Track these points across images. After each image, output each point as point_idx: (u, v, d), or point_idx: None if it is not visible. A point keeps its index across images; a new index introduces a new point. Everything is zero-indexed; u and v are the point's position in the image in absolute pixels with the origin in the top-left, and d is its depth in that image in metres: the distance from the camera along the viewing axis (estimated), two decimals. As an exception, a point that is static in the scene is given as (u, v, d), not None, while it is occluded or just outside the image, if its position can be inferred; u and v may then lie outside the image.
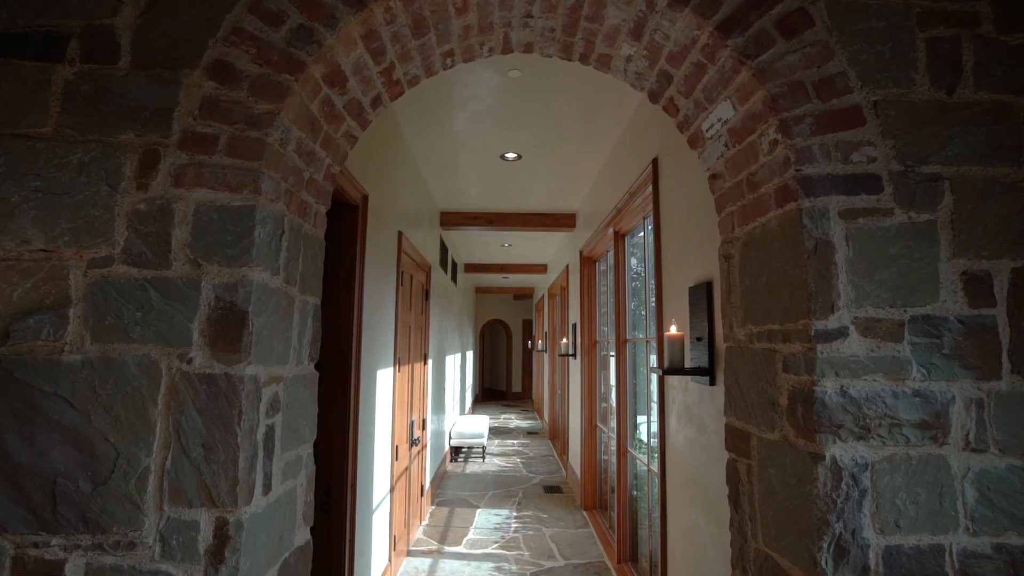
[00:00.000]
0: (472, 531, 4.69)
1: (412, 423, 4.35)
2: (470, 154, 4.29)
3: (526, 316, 15.30)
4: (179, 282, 1.12)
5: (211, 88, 1.16)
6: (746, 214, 1.41)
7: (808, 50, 1.19)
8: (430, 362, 5.51)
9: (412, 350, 4.44)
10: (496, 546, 4.36)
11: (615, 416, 4.17)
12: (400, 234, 3.79)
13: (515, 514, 5.17)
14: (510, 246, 8.21)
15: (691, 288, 2.29)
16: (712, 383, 2.09)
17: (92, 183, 1.12)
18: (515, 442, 8.96)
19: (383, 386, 3.34)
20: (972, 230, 1.14)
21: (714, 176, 1.56)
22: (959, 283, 1.13)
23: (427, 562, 4.02)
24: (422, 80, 1.63)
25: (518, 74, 2.98)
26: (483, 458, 7.57)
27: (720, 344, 2.03)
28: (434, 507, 5.36)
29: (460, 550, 4.27)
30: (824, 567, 1.08)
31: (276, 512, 1.23)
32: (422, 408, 4.90)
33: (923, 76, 1.18)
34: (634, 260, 4.18)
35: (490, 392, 16.05)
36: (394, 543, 3.62)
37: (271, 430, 1.20)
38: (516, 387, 15.49)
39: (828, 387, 1.11)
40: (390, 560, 3.50)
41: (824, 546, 1.08)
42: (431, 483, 5.51)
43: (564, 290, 7.10)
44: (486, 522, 4.93)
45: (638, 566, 3.73)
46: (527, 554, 4.20)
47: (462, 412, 9.94)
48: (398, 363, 3.75)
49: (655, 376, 3.20)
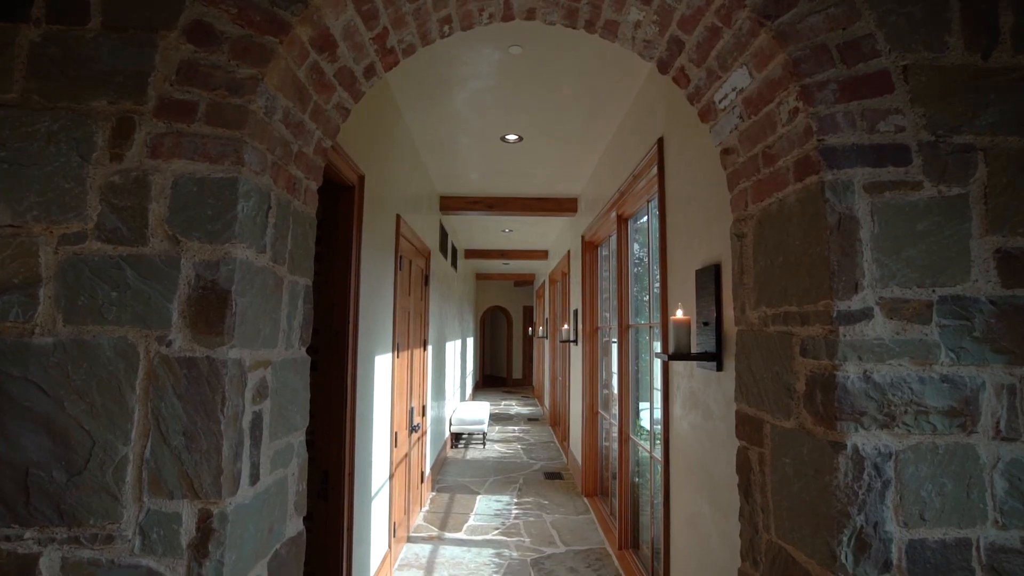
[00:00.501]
0: (472, 517, 4.68)
1: (412, 410, 4.30)
2: (470, 136, 4.19)
3: (527, 303, 15.24)
4: (157, 260, 1.04)
5: (189, 51, 1.07)
6: (761, 190, 1.33)
7: (833, 10, 1.10)
8: (430, 348, 5.45)
9: (411, 336, 4.38)
10: (496, 532, 4.34)
11: (617, 402, 4.13)
12: (398, 217, 3.70)
13: (516, 500, 5.16)
14: (511, 231, 8.11)
15: (698, 271, 2.22)
16: (719, 368, 2.02)
17: (62, 153, 1.04)
18: (516, 428, 8.95)
19: (381, 372, 3.28)
20: (1007, 205, 1.07)
21: (726, 151, 1.47)
22: (992, 261, 1.06)
23: (427, 548, 4.00)
24: (418, 49, 1.54)
25: (519, 50, 2.87)
26: (484, 444, 7.56)
27: (728, 328, 1.96)
28: (434, 493, 5.34)
29: (460, 536, 4.25)
30: (844, 561, 1.02)
31: (265, 503, 1.17)
32: (422, 394, 4.85)
33: (957, 39, 1.09)
34: (636, 245, 4.10)
35: (491, 379, 16.05)
36: (394, 529, 3.59)
37: (258, 417, 1.14)
38: (517, 374, 15.49)
39: (850, 372, 1.04)
40: (390, 546, 3.47)
41: (844, 539, 1.02)
42: (431, 469, 5.49)
43: (565, 276, 7.02)
44: (486, 508, 4.91)
45: (639, 552, 3.71)
46: (528, 540, 4.18)
47: (462, 398, 9.93)
48: (397, 349, 3.69)
49: (658, 362, 3.14)
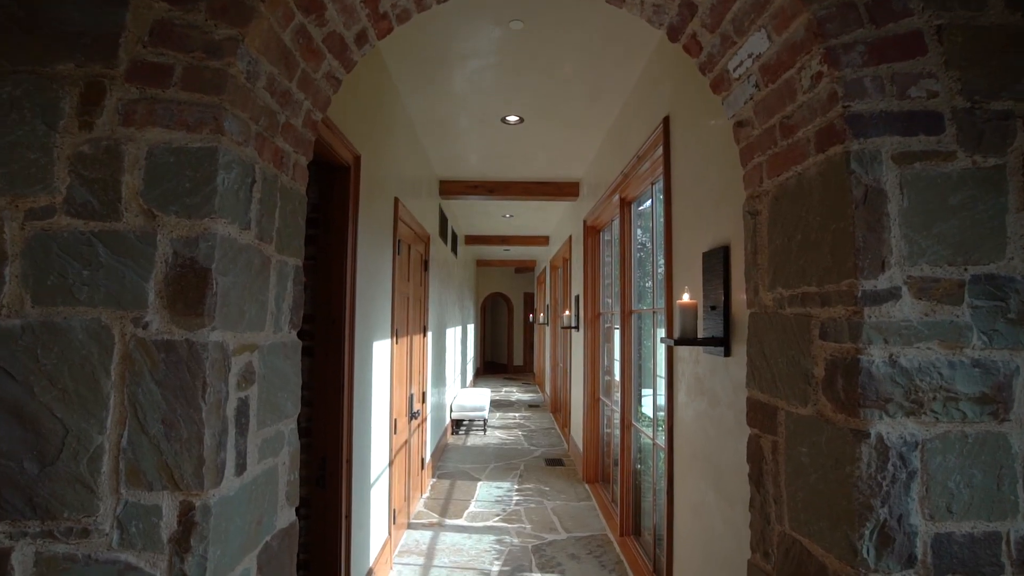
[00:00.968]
0: (473, 504, 4.65)
1: (411, 396, 4.25)
2: (469, 117, 4.09)
3: (528, 289, 15.18)
4: (131, 235, 0.97)
5: (163, 9, 0.99)
6: (778, 164, 1.25)
7: (861, -35, 1.01)
8: (430, 334, 5.40)
9: (411, 322, 4.32)
10: (497, 519, 4.32)
11: (619, 389, 4.07)
12: (396, 200, 3.62)
13: (516, 487, 5.13)
14: (512, 217, 8.02)
15: (705, 254, 2.15)
16: (727, 354, 1.96)
17: (26, 121, 0.97)
18: (516, 415, 8.94)
19: (380, 358, 3.22)
20: (1047, 176, 0.99)
21: (740, 123, 1.39)
22: (1029, 238, 0.98)
23: (428, 535, 3.98)
24: (413, 15, 1.45)
25: (520, 25, 2.77)
26: (484, 431, 7.54)
27: (737, 312, 1.90)
28: (435, 480, 5.32)
29: (461, 523, 4.23)
30: (865, 556, 0.96)
31: (252, 494, 1.11)
32: (422, 381, 4.80)
33: (995, -4, 1.01)
34: (639, 231, 4.02)
35: (491, 365, 16.04)
36: (394, 516, 3.56)
37: (244, 404, 1.07)
38: (517, 360, 15.47)
39: (875, 356, 0.97)
40: (390, 533, 3.44)
41: (866, 533, 0.96)
42: (432, 456, 5.46)
43: (566, 262, 6.94)
44: (487, 495, 4.89)
45: (641, 539, 3.68)
46: (528, 527, 4.16)
47: (463, 385, 9.91)
48: (396, 335, 3.63)
49: (662, 348, 3.08)
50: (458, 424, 7.73)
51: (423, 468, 4.85)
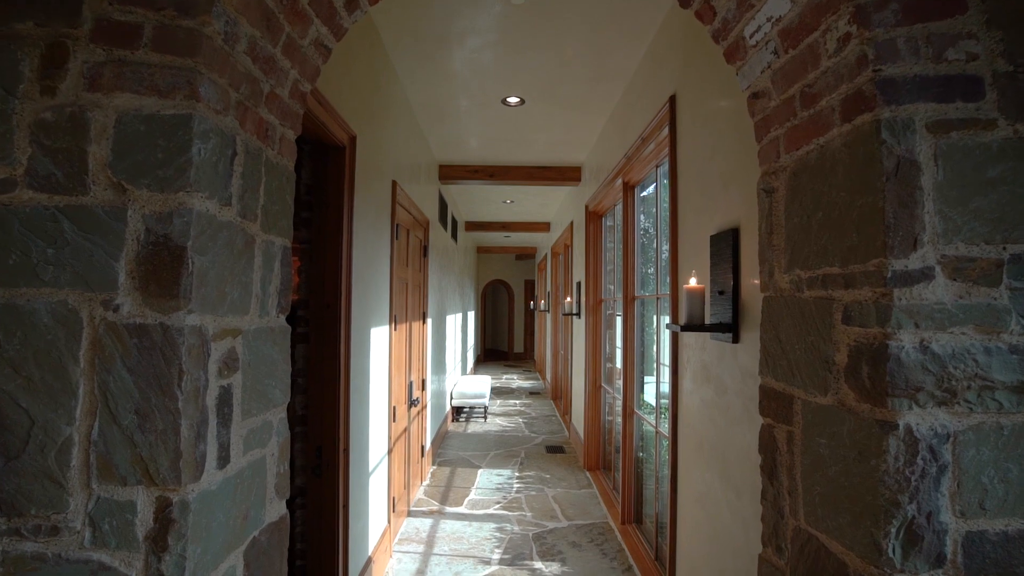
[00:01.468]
0: (474, 491, 4.62)
1: (411, 383, 4.20)
2: (469, 98, 3.98)
3: (528, 276, 15.10)
4: (99, 211, 0.89)
5: (131, -37, 0.91)
6: (797, 137, 1.17)
7: (895, -86, 0.92)
8: (429, 321, 5.34)
9: (410, 308, 4.25)
10: (498, 506, 4.29)
11: (621, 376, 4.02)
12: (394, 184, 3.53)
13: (517, 474, 5.10)
14: (512, 202, 7.92)
15: (713, 237, 2.07)
16: (735, 340, 1.89)
17: (-18, 85, 0.89)
18: (517, 402, 8.91)
19: (378, 345, 3.16)
20: (1096, 146, 0.91)
21: (756, 95, 1.31)
22: (1074, 214, 0.91)
23: (428, 523, 3.95)
24: (407, -21, 1.35)
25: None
26: (485, 418, 7.52)
27: (747, 297, 1.82)
28: (435, 467, 5.29)
29: (462, 510, 4.20)
30: (891, 555, 0.90)
31: (238, 488, 1.05)
32: (421, 368, 4.75)
33: (1042, -52, 0.92)
34: (642, 216, 3.93)
35: (492, 352, 16.02)
36: (393, 504, 3.52)
37: (226, 392, 1.01)
38: (518, 348, 15.44)
39: (905, 341, 0.90)
40: (389, 522, 3.41)
41: (892, 531, 0.90)
42: (432, 443, 5.43)
43: (568, 248, 6.86)
44: (488, 482, 4.86)
45: (642, 527, 3.65)
46: (529, 515, 4.13)
47: (464, 372, 9.88)
48: (394, 321, 3.56)
49: (666, 335, 3.01)
50: (458, 411, 7.70)
51: (423, 456, 4.82)
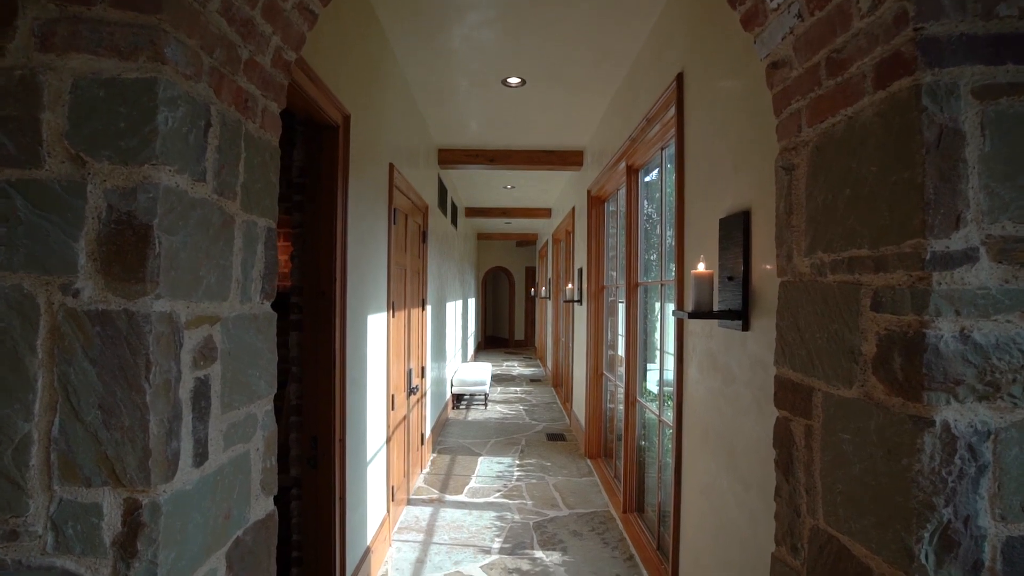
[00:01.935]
0: (474, 479, 4.59)
1: (410, 371, 4.13)
2: (469, 78, 3.86)
3: (529, 263, 15.00)
4: (56, 186, 0.81)
5: (86, -93, 0.81)
6: (822, 108, 1.08)
7: None
8: (429, 308, 5.26)
9: (408, 295, 4.17)
10: (498, 495, 4.25)
11: (623, 364, 3.95)
12: (391, 167, 3.43)
13: (518, 462, 5.07)
14: (513, 188, 7.80)
15: (722, 220, 1.98)
16: (745, 328, 1.81)
17: (-79, 44, 0.80)
18: (518, 389, 8.87)
19: (375, 332, 3.08)
20: None
21: (775, 64, 1.21)
22: None
23: (427, 511, 3.91)
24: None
25: (522, -28, 2.54)
26: (485, 405, 7.48)
27: (758, 283, 1.74)
28: (435, 455, 5.25)
29: (462, 499, 4.16)
30: (923, 562, 0.83)
31: (218, 486, 0.98)
32: (421, 356, 4.68)
33: None
34: (645, 202, 3.83)
35: (493, 340, 15.98)
36: (392, 493, 3.48)
37: (203, 384, 0.93)
38: (519, 335, 15.40)
39: (944, 330, 0.82)
40: (388, 511, 3.36)
41: (925, 536, 0.83)
42: (432, 431, 5.39)
43: (569, 234, 6.76)
44: (488, 470, 4.82)
45: (644, 516, 3.60)
46: (530, 503, 4.09)
47: (464, 359, 9.83)
48: (392, 308, 3.49)
49: (671, 322, 2.93)
50: (459, 398, 7.66)
51: (423, 443, 4.77)
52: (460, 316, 9.01)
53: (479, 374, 7.54)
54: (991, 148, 0.82)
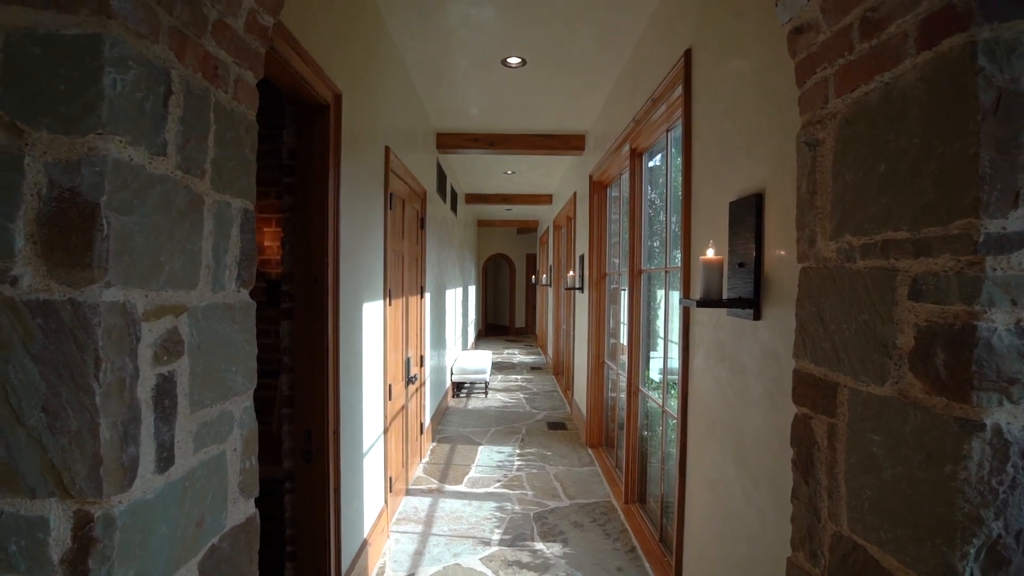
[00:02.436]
0: (474, 469, 4.53)
1: (408, 360, 4.05)
2: (468, 58, 3.72)
3: (530, 250, 14.88)
4: (-12, 159, 0.71)
5: None
6: (853, 75, 0.97)
7: None
8: (428, 296, 5.17)
9: (406, 283, 4.08)
10: (498, 485, 4.19)
11: (625, 352, 3.87)
12: (388, 150, 3.31)
13: (518, 451, 5.01)
14: (513, 173, 7.66)
15: (732, 204, 1.87)
16: (756, 317, 1.72)
17: None
18: (518, 377, 8.81)
19: (371, 321, 2.99)
20: None
21: (799, 29, 1.10)
22: None
23: (427, 501, 3.86)
24: None
25: (522, -59, 2.40)
26: (486, 394, 7.42)
27: (770, 270, 1.64)
28: (435, 444, 5.20)
29: (461, 489, 4.11)
30: (968, 581, 0.74)
31: (188, 492, 0.89)
32: (419, 344, 4.60)
33: None
34: (649, 187, 3.72)
35: (493, 327, 15.92)
36: (390, 484, 3.41)
37: (168, 382, 0.84)
38: (519, 322, 15.33)
39: (998, 322, 0.73)
40: (386, 502, 3.30)
41: (971, 552, 0.74)
42: (431, 420, 5.32)
43: (571, 220, 6.64)
44: (488, 459, 4.77)
45: (646, 507, 3.54)
46: (530, 493, 4.03)
47: (464, 347, 9.76)
48: (389, 296, 3.39)
49: (676, 311, 2.84)
50: (459, 387, 7.61)
51: (422, 433, 4.71)
52: (460, 304, 8.92)
53: (479, 362, 7.47)
54: (1056, 114, 0.72)
